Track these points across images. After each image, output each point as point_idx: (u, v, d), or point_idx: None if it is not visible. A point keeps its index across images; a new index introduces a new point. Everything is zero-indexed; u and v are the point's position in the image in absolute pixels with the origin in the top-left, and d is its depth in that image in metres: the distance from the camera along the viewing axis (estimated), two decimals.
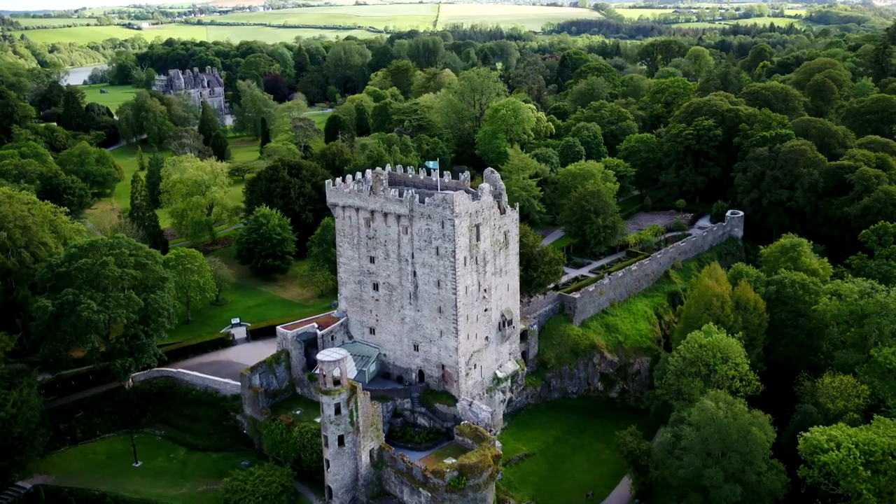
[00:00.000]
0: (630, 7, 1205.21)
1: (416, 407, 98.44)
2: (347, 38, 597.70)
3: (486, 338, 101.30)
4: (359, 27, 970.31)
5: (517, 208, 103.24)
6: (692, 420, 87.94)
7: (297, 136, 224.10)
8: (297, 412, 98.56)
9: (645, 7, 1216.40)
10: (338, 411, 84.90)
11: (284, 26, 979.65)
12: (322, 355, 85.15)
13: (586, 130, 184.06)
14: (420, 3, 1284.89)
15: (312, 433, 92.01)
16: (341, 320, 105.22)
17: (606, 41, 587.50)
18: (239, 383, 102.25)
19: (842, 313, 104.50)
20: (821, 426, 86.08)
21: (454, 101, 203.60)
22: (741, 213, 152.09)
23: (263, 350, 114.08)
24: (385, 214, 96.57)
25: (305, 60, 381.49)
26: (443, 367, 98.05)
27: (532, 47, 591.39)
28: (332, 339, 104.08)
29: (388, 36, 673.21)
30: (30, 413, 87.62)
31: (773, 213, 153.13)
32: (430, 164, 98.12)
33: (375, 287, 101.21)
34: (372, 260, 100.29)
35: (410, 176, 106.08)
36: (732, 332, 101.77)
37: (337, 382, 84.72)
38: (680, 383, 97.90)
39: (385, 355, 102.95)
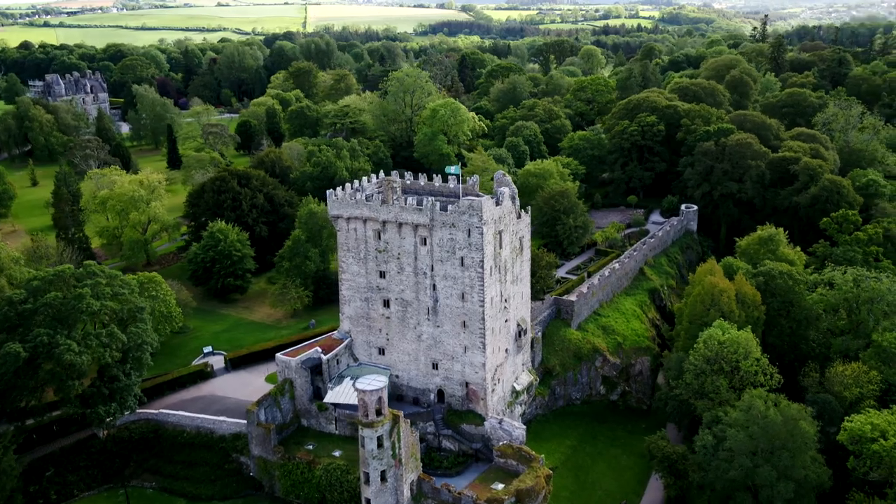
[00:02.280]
0: (495, 8, 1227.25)
1: (441, 430, 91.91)
2: (221, 41, 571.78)
3: (506, 350, 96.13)
4: (224, 28, 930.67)
5: (528, 212, 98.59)
6: (735, 419, 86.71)
7: (212, 142, 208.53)
8: (310, 447, 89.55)
9: (510, 8, 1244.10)
10: (380, 444, 77.18)
11: (143, 28, 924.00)
12: (361, 384, 77.18)
13: (527, 129, 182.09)
14: (286, 4, 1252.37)
15: (342, 470, 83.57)
16: (345, 342, 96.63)
17: (486, 41, 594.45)
18: (237, 420, 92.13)
19: (837, 302, 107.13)
20: (858, 414, 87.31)
21: (385, 102, 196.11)
22: (695, 207, 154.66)
23: (248, 380, 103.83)
24: (399, 225, 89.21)
25: (193, 63, 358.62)
26: (466, 384, 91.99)
27: (414, 48, 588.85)
28: (338, 363, 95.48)
29: (262, 38, 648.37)
30: (9, 483, 74.00)
31: (723, 206, 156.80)
32: (452, 169, 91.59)
33: (386, 304, 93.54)
34: (382, 275, 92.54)
35: (409, 182, 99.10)
36: (740, 327, 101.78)
37: (379, 413, 76.94)
38: (702, 382, 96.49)
39: (397, 377, 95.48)
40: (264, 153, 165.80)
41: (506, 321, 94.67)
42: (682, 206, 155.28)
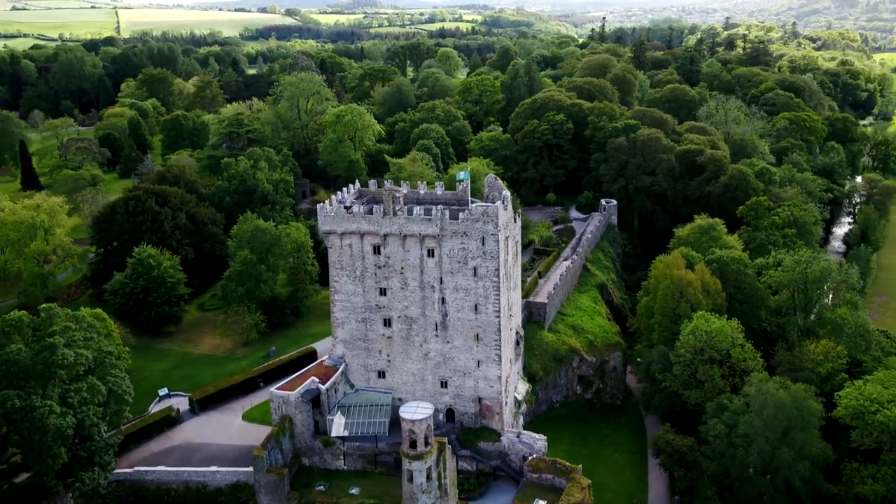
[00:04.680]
0: (320, 13, 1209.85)
1: (458, 450, 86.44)
2: (33, 48, 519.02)
3: (511, 360, 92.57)
4: (25, 35, 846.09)
5: (520, 215, 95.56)
6: (741, 406, 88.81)
7: (79, 159, 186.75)
8: (321, 488, 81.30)
9: (335, 12, 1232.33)
10: (429, 477, 71.21)
11: None
12: (406, 412, 70.82)
13: (433, 132, 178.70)
14: (92, 8, 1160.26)
15: None
16: (340, 368, 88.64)
17: (328, 45, 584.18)
18: (233, 469, 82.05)
19: (789, 282, 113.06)
20: (849, 387, 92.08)
21: (279, 109, 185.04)
22: (615, 202, 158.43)
23: (223, 422, 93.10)
24: (404, 237, 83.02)
25: (21, 72, 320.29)
26: (480, 400, 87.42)
27: (250, 53, 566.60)
28: (336, 391, 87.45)
29: (79, 44, 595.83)
30: None
31: (638, 199, 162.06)
32: (461, 174, 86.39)
33: (387, 323, 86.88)
34: (383, 292, 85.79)
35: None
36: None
37: (427, 442, 70.90)
38: (691, 373, 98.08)
39: (400, 399, 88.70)
40: (166, 168, 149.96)
41: (510, 330, 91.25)
42: (603, 201, 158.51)
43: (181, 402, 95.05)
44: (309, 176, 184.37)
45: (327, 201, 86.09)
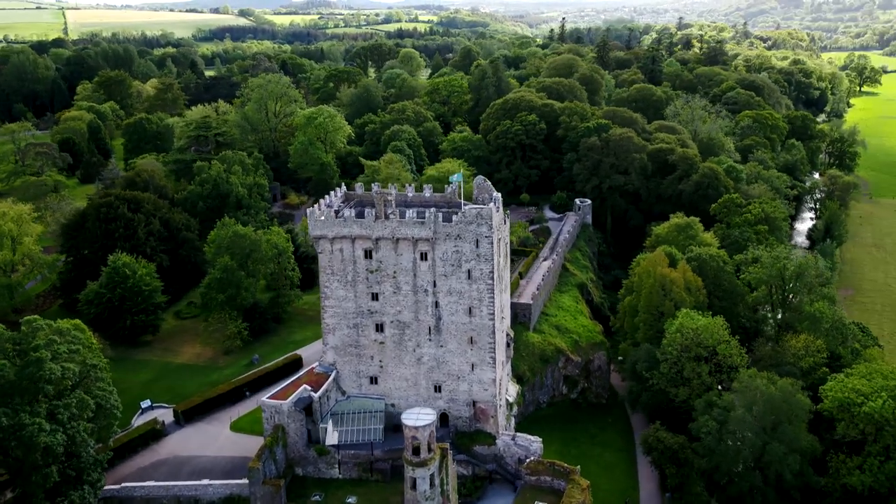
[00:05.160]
0: (274, 13, 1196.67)
1: (455, 455, 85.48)
2: None
3: (502, 362, 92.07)
4: None
5: (508, 216, 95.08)
6: (731, 402, 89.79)
7: (38, 164, 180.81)
8: (317, 498, 79.82)
9: (290, 13, 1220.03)
10: (432, 483, 70.30)
11: None
12: (408, 419, 69.72)
13: (405, 133, 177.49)
14: (38, 8, 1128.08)
15: None
16: (331, 375, 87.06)
17: (286, 46, 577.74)
18: (225, 481, 79.91)
19: (769, 278, 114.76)
20: (833, 380, 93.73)
21: (247, 111, 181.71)
22: (589, 202, 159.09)
23: (210, 433, 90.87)
24: (396, 241, 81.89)
25: None
26: (474, 403, 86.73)
27: (206, 54, 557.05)
28: (328, 399, 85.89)
29: (26, 45, 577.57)
30: None
31: (611, 198, 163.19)
32: (455, 176, 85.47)
33: (379, 328, 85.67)
34: (375, 297, 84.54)
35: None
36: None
37: (430, 449, 69.97)
38: (678, 370, 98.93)
39: (393, 405, 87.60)
40: (134, 172, 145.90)
41: (502, 332, 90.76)
42: (577, 201, 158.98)
43: (165, 414, 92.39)
44: (279, 179, 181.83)
45: (317, 206, 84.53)
